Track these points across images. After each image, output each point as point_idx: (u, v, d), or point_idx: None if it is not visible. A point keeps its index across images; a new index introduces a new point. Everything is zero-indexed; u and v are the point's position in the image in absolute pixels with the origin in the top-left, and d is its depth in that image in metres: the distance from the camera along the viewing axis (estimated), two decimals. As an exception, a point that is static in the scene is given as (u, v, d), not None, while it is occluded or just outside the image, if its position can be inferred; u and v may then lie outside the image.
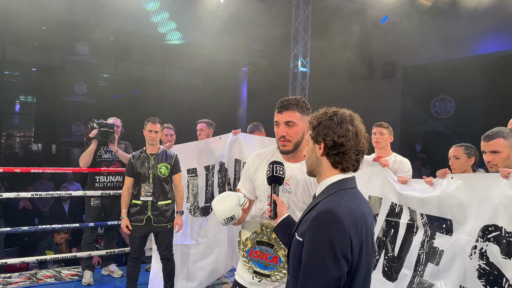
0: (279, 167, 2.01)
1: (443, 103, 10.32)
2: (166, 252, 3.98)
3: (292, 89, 9.79)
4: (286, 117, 2.14)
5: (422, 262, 2.80)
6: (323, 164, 1.65)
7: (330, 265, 1.43)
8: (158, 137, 3.96)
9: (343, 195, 1.57)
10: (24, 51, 11.13)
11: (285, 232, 1.87)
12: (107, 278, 4.82)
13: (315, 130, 1.65)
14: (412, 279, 2.84)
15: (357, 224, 1.51)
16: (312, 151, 1.68)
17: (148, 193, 3.90)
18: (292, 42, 9.89)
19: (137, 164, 3.96)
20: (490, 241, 2.34)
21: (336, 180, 1.62)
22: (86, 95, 10.72)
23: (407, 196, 2.99)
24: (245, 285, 2.22)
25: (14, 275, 4.58)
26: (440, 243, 2.71)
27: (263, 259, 2.15)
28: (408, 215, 3.01)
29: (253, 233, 2.18)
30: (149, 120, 3.94)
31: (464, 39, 9.27)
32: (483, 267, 2.35)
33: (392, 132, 3.86)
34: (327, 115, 1.64)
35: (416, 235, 2.91)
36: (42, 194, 4.58)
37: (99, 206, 4.73)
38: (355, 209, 1.55)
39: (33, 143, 12.55)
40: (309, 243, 1.49)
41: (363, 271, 1.55)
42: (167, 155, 4.02)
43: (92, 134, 4.63)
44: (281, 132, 2.15)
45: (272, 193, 1.98)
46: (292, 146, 2.16)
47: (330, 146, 1.60)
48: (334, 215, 1.47)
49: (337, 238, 1.45)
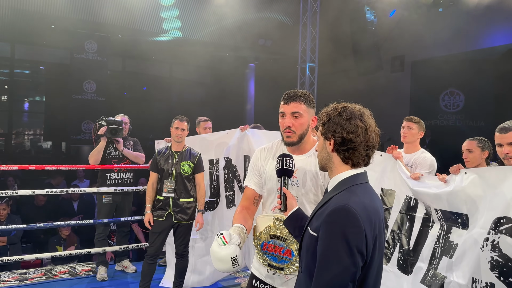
0: (288, 160, 2.02)
1: (452, 97, 10.27)
2: (182, 247, 4.03)
3: (300, 84, 9.79)
4: (293, 108, 2.15)
5: (438, 255, 2.81)
6: (334, 159, 1.66)
7: (346, 259, 1.45)
8: (184, 134, 4.00)
9: (356, 191, 1.59)
10: (33, 50, 11.24)
11: (296, 225, 1.89)
12: (121, 273, 4.88)
13: (325, 126, 1.66)
14: (427, 272, 2.85)
15: (371, 219, 1.53)
16: (323, 147, 1.69)
17: (170, 189, 3.94)
18: (300, 37, 9.88)
19: (161, 160, 4.01)
20: (503, 233, 2.35)
21: (348, 176, 1.64)
22: (95, 93, 10.78)
23: (419, 192, 2.99)
24: (261, 278, 2.24)
25: (30, 271, 4.65)
26: (455, 237, 2.71)
27: (277, 253, 2.16)
28: (424, 209, 3.02)
29: (267, 227, 2.19)
30: (177, 118, 3.99)
31: (473, 32, 9.22)
32: (495, 259, 2.36)
33: (422, 128, 3.76)
34: (336, 111, 1.65)
35: (432, 229, 2.92)
36: (57, 191, 4.64)
37: (110, 202, 4.77)
38: (368, 204, 1.56)
39: (43, 141, 12.68)
40: (324, 238, 1.50)
41: (376, 265, 1.58)
42: (191, 153, 4.06)
43: (100, 131, 4.67)
44: (287, 123, 2.16)
45: (282, 186, 1.99)
46: (297, 138, 2.17)
47: (339, 142, 1.62)
48: (349, 211, 1.49)
49: (352, 234, 1.46)
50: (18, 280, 4.45)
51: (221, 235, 1.96)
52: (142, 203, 6.12)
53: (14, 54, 10.99)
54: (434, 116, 10.49)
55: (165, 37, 10.70)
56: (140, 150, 4.94)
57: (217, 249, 1.94)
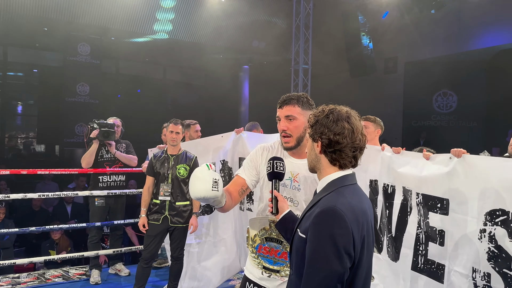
0: (279, 163, 2.02)
1: (445, 98, 10.34)
2: (177, 251, 4.02)
3: (294, 86, 9.82)
4: (286, 111, 2.16)
5: (423, 241, 2.83)
6: (322, 161, 1.68)
7: (333, 261, 1.46)
8: (179, 138, 3.98)
9: (344, 192, 1.60)
10: (26, 52, 11.18)
11: (287, 228, 1.90)
12: (114, 277, 4.85)
13: (312, 128, 1.68)
14: (415, 259, 2.87)
15: (358, 220, 1.54)
16: (312, 148, 1.71)
17: (167, 193, 3.94)
18: (293, 39, 9.91)
19: (157, 164, 4.00)
20: (498, 225, 2.38)
21: (336, 177, 1.64)
22: (88, 95, 10.74)
23: (404, 174, 2.97)
24: (255, 281, 2.23)
25: (23, 275, 4.62)
26: (435, 222, 2.73)
27: (272, 255, 2.17)
28: (401, 195, 3.01)
29: (262, 230, 2.20)
30: (171, 121, 3.97)
31: (465, 34, 9.29)
32: (492, 250, 2.39)
33: (380, 126, 3.69)
34: (324, 113, 1.67)
35: (411, 215, 2.93)
36: (49, 195, 4.61)
37: (103, 205, 4.75)
38: (356, 205, 1.57)
39: (36, 144, 12.61)
40: (312, 240, 1.52)
41: (365, 266, 1.58)
42: (187, 156, 4.06)
43: (93, 134, 4.65)
44: (282, 127, 2.16)
45: (273, 189, 1.99)
46: (295, 142, 2.17)
47: (326, 144, 1.63)
48: (336, 212, 1.50)
49: (340, 235, 1.48)
50: (10, 284, 4.42)
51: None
52: (133, 205, 6.08)
53: (6, 56, 10.93)
54: (427, 117, 10.56)
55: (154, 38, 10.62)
56: (132, 152, 4.93)
57: (200, 170, 1.91)
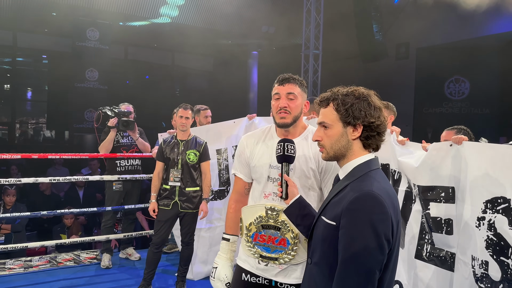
0: (290, 146, 1.95)
1: (457, 84, 10.18)
2: (187, 236, 4.03)
3: (304, 71, 9.71)
4: (288, 89, 2.12)
5: (427, 230, 2.82)
6: (354, 147, 1.60)
7: (374, 249, 1.40)
8: (188, 123, 3.96)
9: (376, 176, 1.54)
10: (35, 38, 11.16)
11: (298, 214, 1.84)
12: (125, 261, 4.89)
13: (347, 112, 1.57)
14: (420, 248, 2.86)
15: (394, 205, 1.50)
16: (342, 134, 1.60)
17: (177, 178, 3.93)
18: (304, 24, 9.75)
19: (167, 149, 3.99)
20: (499, 213, 2.37)
21: (362, 162, 1.58)
22: (97, 81, 10.73)
23: (402, 163, 2.99)
24: (252, 270, 2.17)
25: (35, 259, 4.67)
26: (438, 212, 2.71)
27: (269, 243, 2.09)
28: (406, 183, 3.02)
29: (258, 217, 2.11)
30: (181, 106, 3.96)
31: (478, 19, 9.08)
32: (490, 237, 2.38)
33: (392, 112, 3.56)
34: (355, 96, 1.58)
35: (415, 204, 2.92)
36: (60, 179, 4.63)
37: (121, 190, 4.78)
38: (389, 190, 1.53)
39: (46, 130, 12.68)
40: (349, 227, 1.45)
41: (396, 249, 1.54)
42: (197, 142, 4.04)
43: (111, 123, 4.67)
44: (282, 103, 2.10)
45: (283, 173, 1.93)
46: (291, 119, 2.11)
47: (368, 128, 1.57)
48: (375, 197, 1.44)
49: (380, 221, 1.42)
50: (23, 267, 4.47)
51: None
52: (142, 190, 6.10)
53: (16, 42, 10.93)
54: (439, 104, 10.42)
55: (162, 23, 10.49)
56: (145, 139, 4.95)
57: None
